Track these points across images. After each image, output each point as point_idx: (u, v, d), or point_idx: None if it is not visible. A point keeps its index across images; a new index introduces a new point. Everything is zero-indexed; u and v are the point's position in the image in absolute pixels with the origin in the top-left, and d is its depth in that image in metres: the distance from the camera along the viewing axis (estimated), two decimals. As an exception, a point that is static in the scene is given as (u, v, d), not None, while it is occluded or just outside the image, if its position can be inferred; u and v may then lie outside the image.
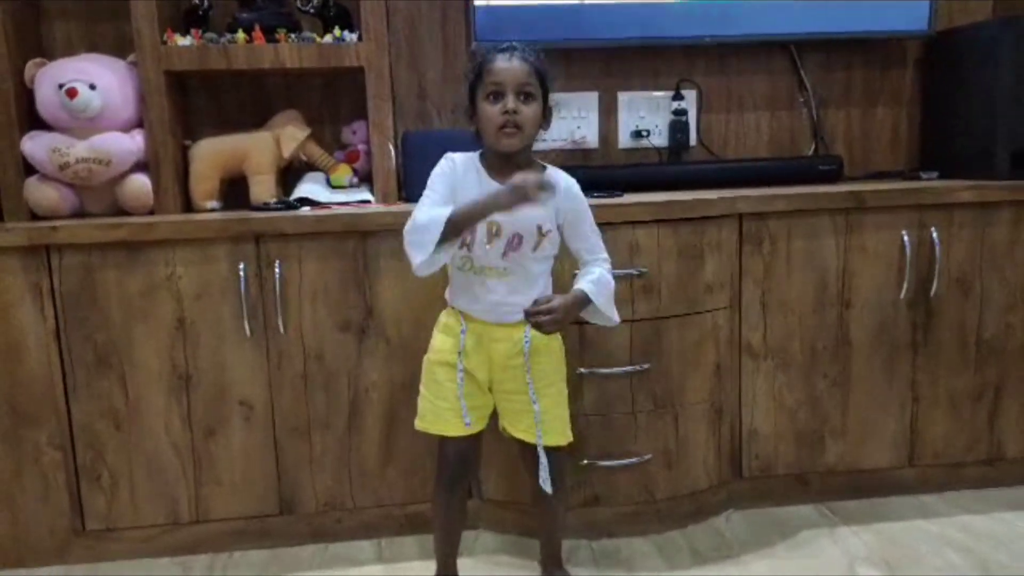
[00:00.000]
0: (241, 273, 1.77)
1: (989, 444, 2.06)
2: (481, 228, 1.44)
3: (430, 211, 1.42)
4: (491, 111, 1.43)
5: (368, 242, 1.80)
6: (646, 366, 1.82)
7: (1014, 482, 2.08)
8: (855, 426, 2.00)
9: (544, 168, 1.52)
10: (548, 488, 1.52)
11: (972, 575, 1.68)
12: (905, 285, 1.95)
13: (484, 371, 1.52)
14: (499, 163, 1.48)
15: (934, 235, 1.94)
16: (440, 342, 1.54)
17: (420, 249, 1.40)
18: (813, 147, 2.40)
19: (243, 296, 1.77)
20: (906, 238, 1.93)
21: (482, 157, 1.51)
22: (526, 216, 1.44)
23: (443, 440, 1.55)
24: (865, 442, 2.01)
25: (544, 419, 1.52)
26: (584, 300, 1.49)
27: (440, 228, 1.38)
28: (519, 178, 1.35)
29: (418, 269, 1.42)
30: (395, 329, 1.83)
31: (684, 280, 1.84)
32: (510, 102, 1.42)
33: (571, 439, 1.59)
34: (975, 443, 2.05)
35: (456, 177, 1.48)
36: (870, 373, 1.98)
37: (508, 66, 1.43)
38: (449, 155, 1.52)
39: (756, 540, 1.86)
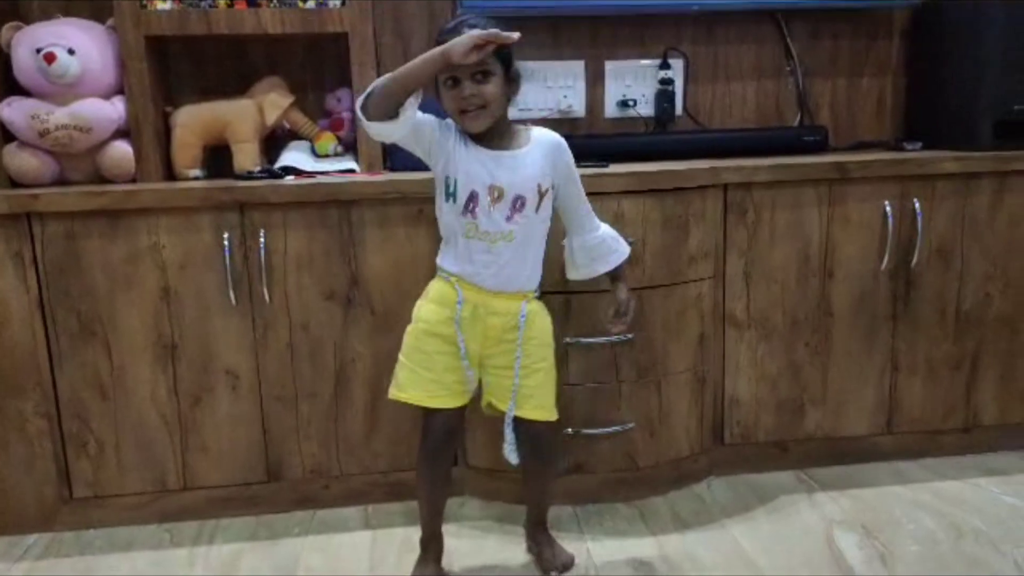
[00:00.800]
0: (225, 242, 1.76)
1: (966, 412, 2.10)
2: (482, 192, 1.44)
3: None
4: (449, 96, 1.42)
5: (353, 211, 1.80)
6: (630, 336, 1.83)
7: (989, 449, 2.12)
8: (835, 394, 2.03)
9: (529, 130, 1.52)
10: (514, 460, 1.54)
11: (945, 539, 1.73)
12: (887, 255, 1.97)
13: (476, 344, 1.51)
14: (478, 136, 1.47)
15: (916, 206, 1.96)
16: (430, 312, 1.52)
17: (371, 106, 1.37)
18: (799, 117, 2.40)
19: (228, 265, 1.77)
20: (888, 209, 1.95)
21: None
22: (525, 176, 1.45)
23: (428, 411, 1.54)
24: (844, 410, 2.04)
25: (535, 394, 1.54)
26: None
27: (382, 81, 1.36)
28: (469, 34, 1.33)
29: (369, 130, 1.40)
30: (380, 299, 1.83)
31: (669, 250, 1.85)
32: (466, 88, 1.39)
33: (557, 416, 1.60)
34: (952, 411, 2.09)
35: (447, 131, 1.46)
36: (851, 342, 2.01)
37: None
38: (448, 120, 1.49)
39: (736, 505, 1.90)
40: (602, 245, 1.59)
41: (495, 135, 1.47)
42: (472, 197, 1.44)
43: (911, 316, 2.02)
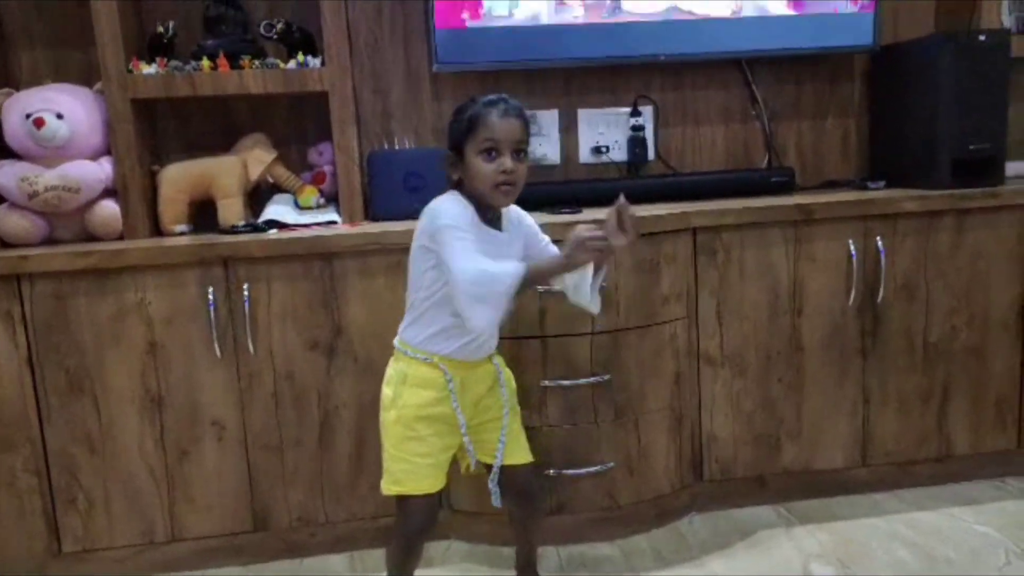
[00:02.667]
0: (210, 297, 1.81)
1: (939, 442, 2.15)
2: None
3: (493, 264, 1.37)
4: (487, 168, 1.40)
5: (335, 263, 1.85)
6: (607, 377, 1.89)
7: (963, 478, 2.17)
8: (809, 428, 2.08)
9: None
10: (497, 503, 1.55)
11: (919, 570, 1.76)
12: (853, 292, 2.04)
13: (467, 413, 1.51)
14: (480, 209, 1.46)
15: (879, 244, 2.03)
16: (416, 396, 1.48)
17: (492, 305, 1.34)
18: (767, 159, 2.49)
19: (212, 319, 1.82)
20: (853, 247, 2.02)
21: (464, 201, 1.46)
22: (513, 254, 1.49)
23: (411, 499, 1.50)
24: (819, 443, 2.09)
25: (517, 438, 1.59)
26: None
27: (514, 282, 1.34)
28: (584, 234, 1.34)
29: (487, 327, 1.38)
30: (363, 347, 1.88)
31: (642, 292, 1.91)
32: (508, 162, 1.40)
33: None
34: (925, 442, 2.14)
35: (469, 219, 1.43)
36: (822, 377, 2.07)
37: (505, 124, 1.40)
38: (450, 198, 1.45)
39: (716, 541, 1.93)
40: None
41: (493, 214, 1.49)
42: None
43: (880, 350, 2.08)
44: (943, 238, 2.07)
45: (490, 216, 1.49)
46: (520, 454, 1.59)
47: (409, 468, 1.49)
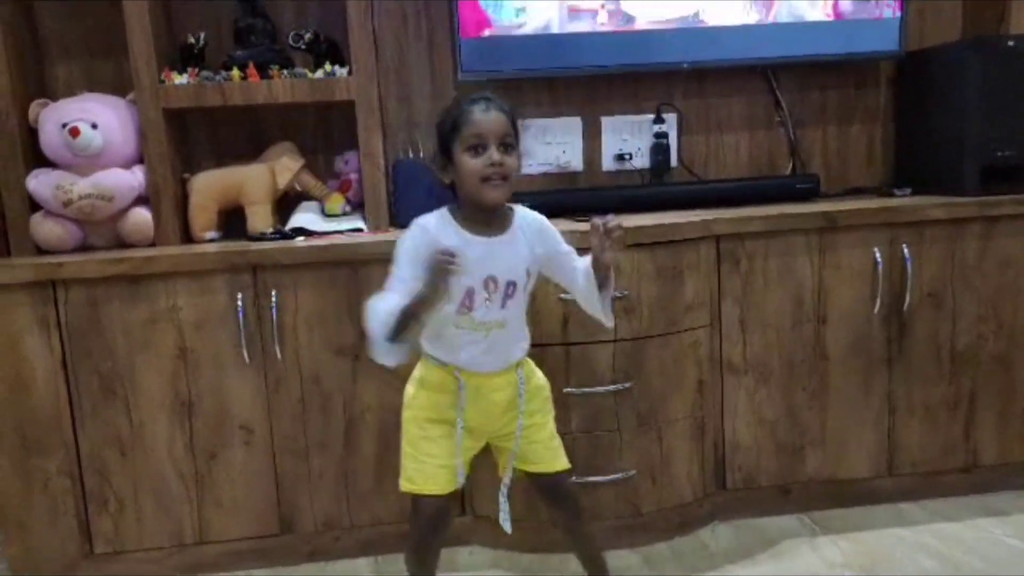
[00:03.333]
0: (239, 303, 1.85)
1: (965, 452, 2.13)
2: (478, 286, 1.43)
3: (381, 300, 1.39)
4: (473, 164, 1.39)
5: (360, 270, 1.88)
6: (629, 384, 1.89)
7: (990, 489, 2.14)
8: (834, 437, 2.07)
9: (513, 211, 1.50)
10: (508, 528, 1.56)
11: (945, 580, 1.76)
12: (878, 300, 2.02)
13: (480, 421, 1.52)
14: (475, 214, 1.45)
15: (905, 251, 2.02)
16: (429, 399, 1.51)
17: (374, 339, 1.39)
18: (791, 166, 2.48)
19: (241, 325, 1.85)
20: (878, 255, 2.01)
21: (453, 212, 1.47)
22: (515, 263, 1.46)
23: (422, 498, 1.51)
24: (844, 452, 2.08)
25: (551, 445, 1.58)
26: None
27: (379, 318, 1.36)
28: (432, 258, 1.31)
29: (377, 358, 1.41)
30: (388, 353, 1.90)
31: (664, 300, 1.91)
32: (495, 154, 1.39)
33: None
34: (951, 451, 2.12)
35: (429, 245, 1.37)
36: (847, 385, 2.06)
37: (488, 117, 1.40)
38: (419, 222, 1.46)
39: (739, 550, 1.93)
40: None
41: (486, 218, 1.46)
42: (469, 293, 1.43)
43: (906, 358, 2.07)
44: (971, 246, 2.05)
45: (487, 221, 1.46)
46: (554, 461, 1.58)
47: (419, 467, 1.51)
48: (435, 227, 1.45)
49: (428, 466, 1.50)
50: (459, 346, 1.48)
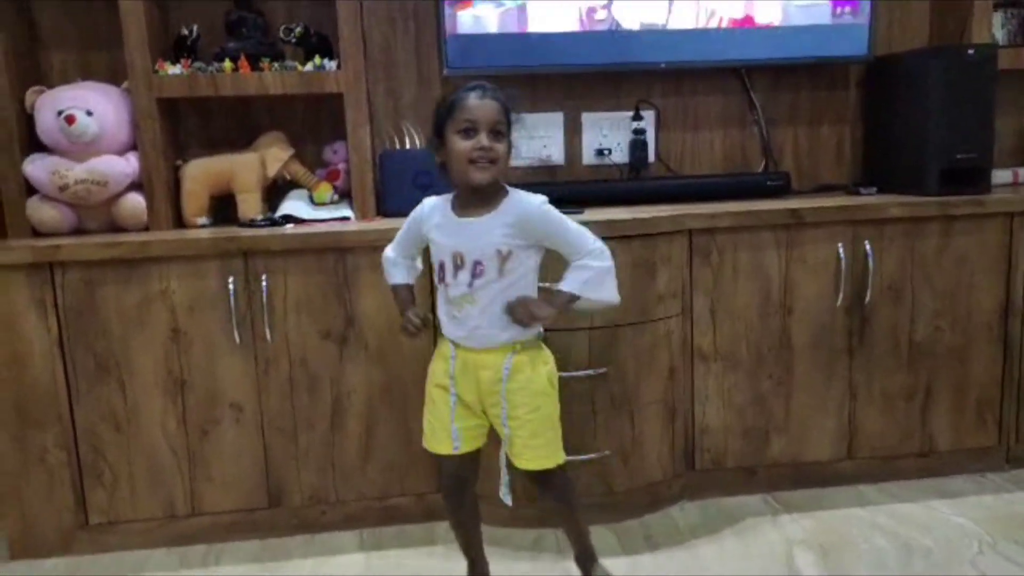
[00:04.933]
0: (231, 286, 1.92)
1: (921, 438, 2.25)
2: (448, 261, 1.54)
3: (392, 260, 1.70)
4: (463, 145, 1.47)
5: (348, 257, 1.96)
6: (603, 370, 1.99)
7: (945, 473, 2.26)
8: (797, 422, 2.18)
9: (509, 195, 1.55)
10: (508, 501, 1.66)
11: (896, 557, 1.87)
12: (841, 293, 2.13)
13: (473, 394, 1.59)
14: (465, 194, 1.54)
15: (867, 247, 2.12)
16: (435, 367, 1.63)
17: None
18: (763, 163, 2.58)
19: (232, 307, 1.93)
20: (841, 250, 2.11)
21: (456, 197, 1.57)
22: (484, 243, 1.51)
23: (439, 457, 1.65)
24: (807, 437, 2.19)
25: (530, 444, 1.59)
26: (568, 296, 1.53)
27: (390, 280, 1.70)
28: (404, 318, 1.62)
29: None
30: (374, 337, 1.99)
31: (638, 291, 2.01)
32: (484, 139, 1.47)
33: (560, 461, 1.63)
34: (908, 437, 2.24)
35: (422, 220, 1.60)
36: (811, 374, 2.17)
37: (481, 103, 1.48)
38: (425, 200, 1.62)
39: (706, 527, 2.04)
40: (574, 268, 1.56)
41: (475, 200, 1.53)
42: (441, 267, 1.55)
43: (866, 349, 2.18)
44: (929, 243, 2.16)
45: (476, 202, 1.53)
46: (534, 461, 1.61)
47: (428, 427, 1.65)
48: (431, 206, 1.61)
49: (431, 427, 1.64)
50: (448, 319, 1.59)
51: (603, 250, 1.56)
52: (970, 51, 2.20)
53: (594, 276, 1.54)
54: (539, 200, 1.55)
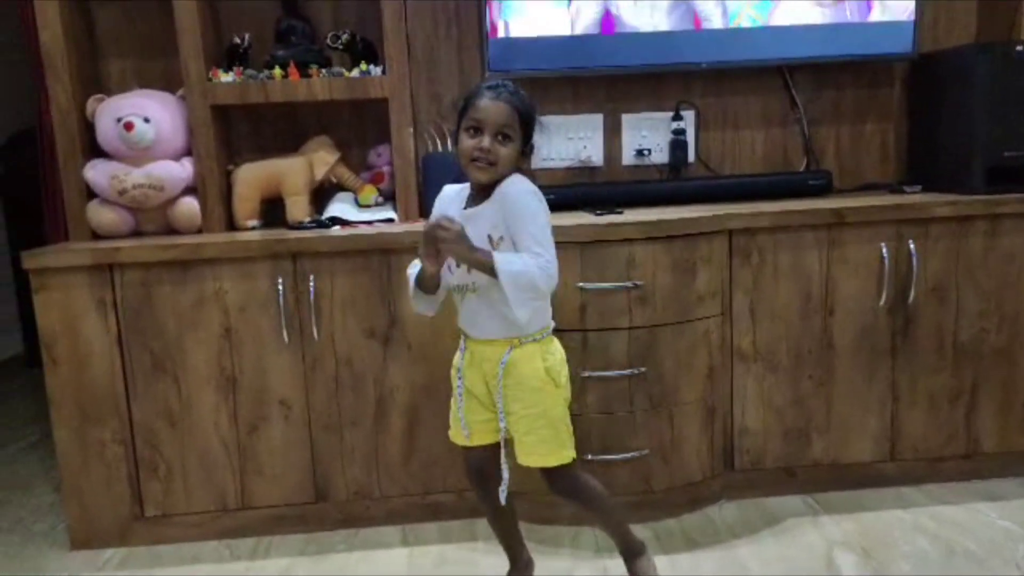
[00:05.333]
0: (280, 287, 1.99)
1: (966, 440, 2.22)
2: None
3: (412, 267, 1.63)
4: (467, 144, 1.51)
5: (392, 258, 2.01)
6: (643, 369, 2.01)
7: (991, 475, 2.24)
8: (838, 423, 2.17)
9: (506, 183, 1.53)
10: (503, 499, 1.63)
11: (938, 559, 1.85)
12: (884, 293, 2.12)
13: (481, 386, 1.62)
14: (475, 191, 1.58)
15: (911, 247, 2.11)
16: (455, 358, 1.68)
17: (413, 297, 1.64)
18: (805, 162, 2.57)
19: (281, 307, 1.99)
20: (885, 250, 2.10)
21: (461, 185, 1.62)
22: (478, 230, 1.52)
23: (462, 449, 1.70)
24: (848, 438, 2.18)
25: (525, 440, 1.60)
26: (487, 258, 1.47)
27: (412, 284, 1.62)
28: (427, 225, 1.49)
29: (415, 308, 1.65)
30: (416, 337, 2.04)
31: (677, 291, 2.02)
32: (486, 141, 1.49)
33: (564, 460, 1.62)
34: (952, 439, 2.21)
35: (441, 208, 1.62)
36: (852, 374, 2.16)
37: (491, 105, 1.50)
38: (445, 188, 1.66)
39: (744, 527, 2.05)
40: (517, 253, 1.51)
41: (481, 195, 1.56)
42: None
43: (910, 349, 2.16)
44: (975, 242, 2.14)
45: (481, 195, 1.56)
46: (531, 458, 1.61)
47: (452, 417, 1.69)
48: (448, 198, 1.64)
49: (454, 416, 1.68)
50: (457, 310, 1.63)
51: (548, 269, 1.48)
52: (1019, 47, 2.17)
53: (524, 273, 1.46)
54: (527, 187, 1.54)
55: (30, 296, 1.98)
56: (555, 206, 1.71)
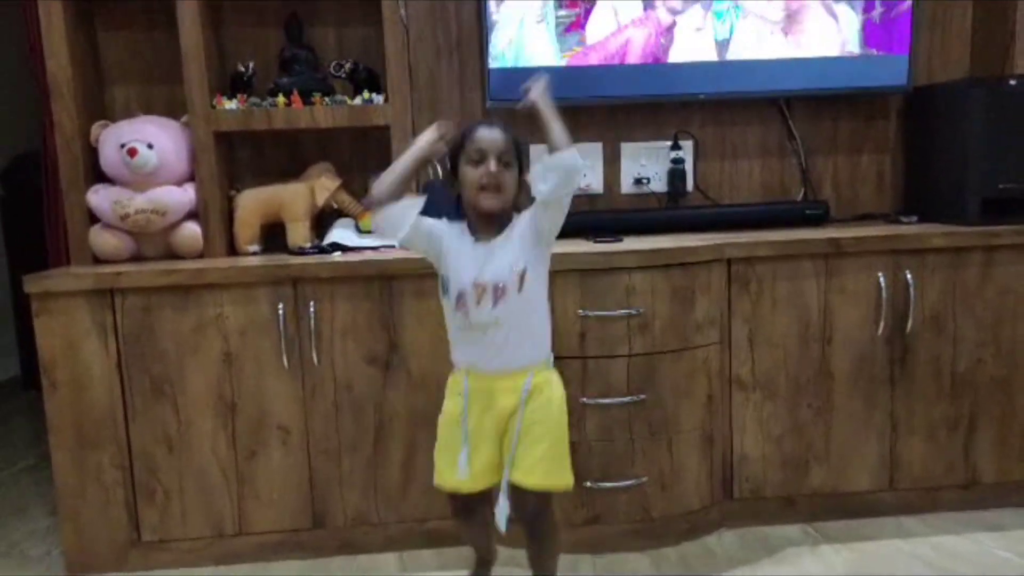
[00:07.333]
0: (280, 312, 1.99)
1: (965, 470, 2.22)
2: (470, 291, 1.57)
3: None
4: (473, 173, 1.56)
5: (393, 284, 2.02)
6: (642, 397, 2.01)
7: (989, 505, 2.23)
8: (838, 452, 2.17)
9: (520, 215, 1.62)
10: (503, 528, 1.60)
11: (938, 590, 1.85)
12: (882, 323, 2.13)
13: (491, 424, 1.62)
14: (478, 221, 1.60)
15: (908, 277, 2.12)
16: (448, 404, 1.67)
17: (381, 214, 1.60)
18: (802, 192, 2.59)
19: (282, 333, 1.99)
20: (882, 280, 2.12)
21: (469, 225, 1.62)
22: (502, 265, 1.56)
23: (448, 492, 1.69)
24: (847, 467, 2.18)
25: (541, 460, 1.60)
26: (551, 109, 1.56)
27: (393, 169, 1.59)
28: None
29: (383, 230, 1.62)
30: (416, 363, 2.04)
31: (676, 319, 2.03)
32: (492, 165, 1.55)
33: (568, 483, 1.65)
34: (951, 469, 2.21)
35: (443, 229, 1.62)
36: (851, 403, 2.16)
37: (490, 135, 1.57)
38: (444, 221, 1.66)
39: (744, 556, 2.04)
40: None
41: (490, 227, 1.60)
42: (461, 295, 1.58)
43: (908, 379, 2.17)
44: (972, 273, 2.16)
45: (487, 229, 1.59)
46: (543, 477, 1.61)
47: (441, 465, 1.68)
48: (449, 224, 1.64)
49: (442, 464, 1.67)
50: (467, 346, 1.63)
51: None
52: (1012, 81, 2.20)
53: (563, 129, 1.55)
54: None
55: (28, 318, 1.98)
56: (555, 234, 1.72)
